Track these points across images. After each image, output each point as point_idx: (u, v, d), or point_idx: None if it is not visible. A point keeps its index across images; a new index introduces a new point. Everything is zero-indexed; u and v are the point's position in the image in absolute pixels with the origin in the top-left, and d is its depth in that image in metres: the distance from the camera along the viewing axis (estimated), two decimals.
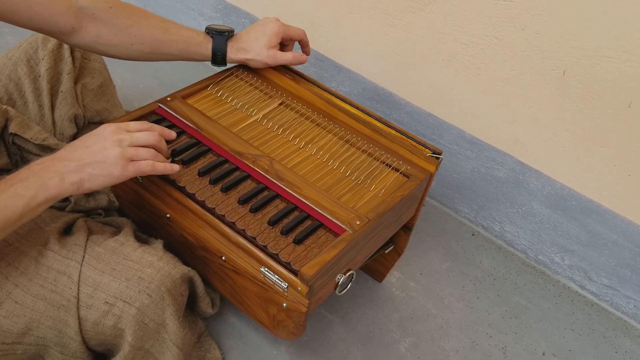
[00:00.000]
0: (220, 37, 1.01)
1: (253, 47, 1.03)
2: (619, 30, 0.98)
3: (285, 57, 1.05)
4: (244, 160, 0.89)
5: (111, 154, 0.77)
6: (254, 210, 0.82)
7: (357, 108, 1.02)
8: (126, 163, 0.78)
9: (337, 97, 1.04)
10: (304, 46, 1.10)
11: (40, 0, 0.85)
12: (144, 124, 0.84)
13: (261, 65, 1.05)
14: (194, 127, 0.93)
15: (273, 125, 0.97)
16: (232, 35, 1.02)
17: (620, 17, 0.97)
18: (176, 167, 0.84)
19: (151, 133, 0.82)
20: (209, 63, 1.03)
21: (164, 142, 0.85)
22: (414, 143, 0.97)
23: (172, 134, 0.88)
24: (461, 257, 1.30)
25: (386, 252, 1.09)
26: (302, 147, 0.94)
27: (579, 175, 1.16)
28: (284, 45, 1.08)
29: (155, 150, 0.82)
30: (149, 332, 0.85)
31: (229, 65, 1.06)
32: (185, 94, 1.00)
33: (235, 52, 1.03)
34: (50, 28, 0.88)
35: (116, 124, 0.81)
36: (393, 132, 0.99)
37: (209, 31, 1.01)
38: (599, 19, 0.99)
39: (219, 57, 1.02)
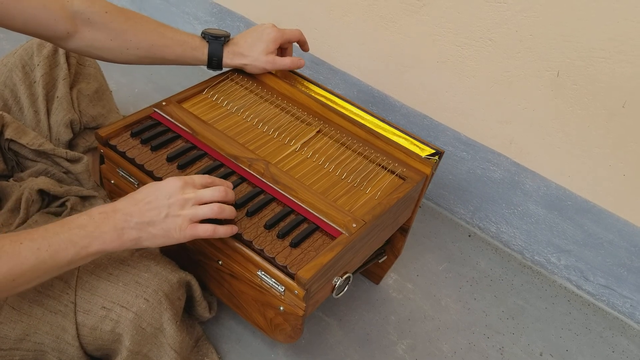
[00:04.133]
0: (217, 42, 1.01)
1: (251, 52, 1.03)
2: (613, 31, 0.98)
3: (284, 62, 1.05)
4: (239, 164, 0.89)
5: (172, 215, 0.75)
6: (250, 214, 0.83)
7: (359, 108, 1.03)
8: (186, 226, 0.75)
9: (336, 95, 1.04)
10: (302, 44, 1.10)
11: (35, 5, 0.85)
12: (208, 178, 0.81)
13: (259, 70, 1.05)
14: (190, 131, 0.93)
15: (269, 129, 0.97)
16: (228, 40, 1.03)
17: (614, 18, 0.97)
18: (235, 228, 0.79)
19: (216, 188, 0.78)
20: (204, 67, 1.03)
21: (231, 194, 0.81)
22: (417, 142, 0.97)
23: (232, 195, 0.82)
24: (458, 259, 1.31)
25: (380, 261, 1.09)
26: (298, 150, 0.95)
27: (574, 176, 1.16)
28: (282, 49, 1.08)
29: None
30: (146, 337, 0.85)
31: (224, 69, 1.06)
32: (181, 98, 1.00)
33: (231, 58, 1.03)
34: (46, 33, 0.88)
35: (182, 178, 0.77)
36: (392, 131, 0.99)
37: (205, 36, 1.01)
38: (593, 20, 0.99)
39: (214, 62, 1.02)
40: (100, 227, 0.73)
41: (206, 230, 0.76)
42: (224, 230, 0.78)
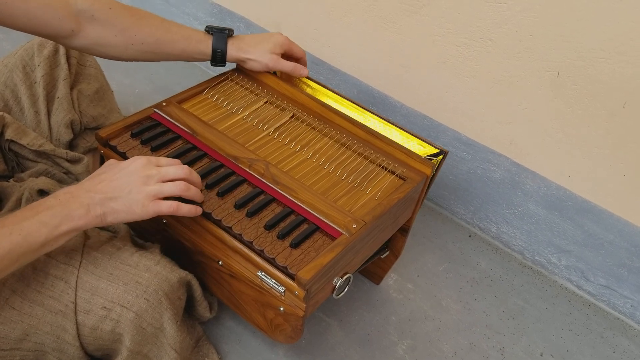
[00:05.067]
0: (221, 34, 1.01)
1: (256, 48, 1.03)
2: (613, 31, 0.98)
3: (287, 64, 1.05)
4: (239, 165, 0.89)
5: (135, 191, 0.76)
6: (250, 214, 0.83)
7: (362, 107, 1.03)
8: (148, 202, 0.76)
9: (337, 94, 1.05)
10: (302, 64, 1.11)
11: (39, 5, 0.85)
12: (174, 160, 0.82)
13: (261, 67, 1.05)
14: (190, 131, 0.93)
15: (269, 129, 0.97)
16: (232, 34, 1.03)
17: (614, 19, 0.97)
18: (200, 209, 0.81)
19: (180, 167, 0.80)
20: (205, 67, 1.03)
21: (196, 175, 0.83)
22: (422, 142, 0.97)
23: (197, 176, 0.84)
24: (458, 259, 1.31)
25: (382, 257, 1.09)
26: (298, 151, 0.95)
27: (575, 176, 1.16)
28: (285, 57, 1.08)
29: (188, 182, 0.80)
30: (147, 337, 0.85)
31: (224, 69, 1.06)
32: (181, 99, 1.00)
33: (236, 50, 1.02)
34: (50, 32, 0.88)
35: (147, 157, 0.79)
36: (397, 131, 0.99)
37: (209, 29, 1.01)
38: (593, 20, 0.99)
39: (218, 55, 1.01)
40: (67, 205, 0.74)
41: (170, 207, 0.77)
42: (187, 209, 0.79)
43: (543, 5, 1.03)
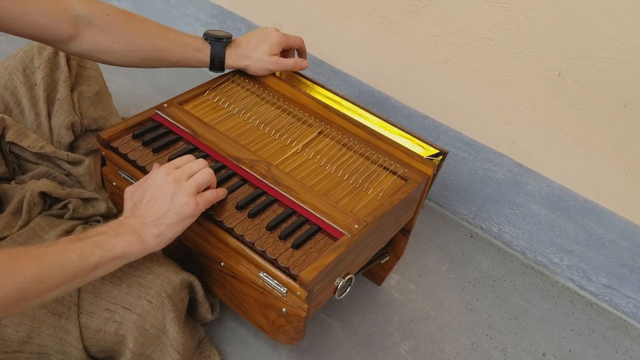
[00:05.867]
0: (219, 43, 1.01)
1: (255, 53, 1.03)
2: (614, 31, 0.98)
3: (287, 62, 1.05)
4: (241, 166, 0.89)
5: (176, 197, 0.75)
6: (252, 215, 0.82)
7: (362, 108, 1.03)
8: (194, 199, 0.76)
9: (337, 95, 1.05)
10: (302, 54, 1.11)
11: (36, 10, 0.84)
12: (187, 156, 0.83)
13: (262, 71, 1.05)
14: (191, 133, 0.93)
15: (270, 130, 0.97)
16: (230, 41, 1.03)
17: (615, 18, 0.97)
18: (225, 190, 0.84)
19: (198, 161, 0.81)
20: (206, 69, 1.03)
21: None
22: (421, 142, 0.97)
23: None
24: (460, 259, 1.31)
25: (382, 262, 1.09)
26: (300, 152, 0.95)
27: (576, 176, 1.16)
28: (284, 52, 1.09)
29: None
30: (149, 338, 0.85)
31: (226, 71, 1.06)
32: (182, 100, 1.00)
33: (234, 59, 1.03)
34: (47, 37, 0.88)
35: (163, 165, 0.79)
36: (396, 131, 0.99)
37: (207, 37, 1.01)
38: (594, 20, 0.99)
39: (217, 64, 1.02)
40: (119, 232, 0.73)
41: (213, 194, 0.80)
42: (223, 191, 0.83)
43: (544, 5, 1.03)
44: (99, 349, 0.85)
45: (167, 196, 0.75)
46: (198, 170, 0.79)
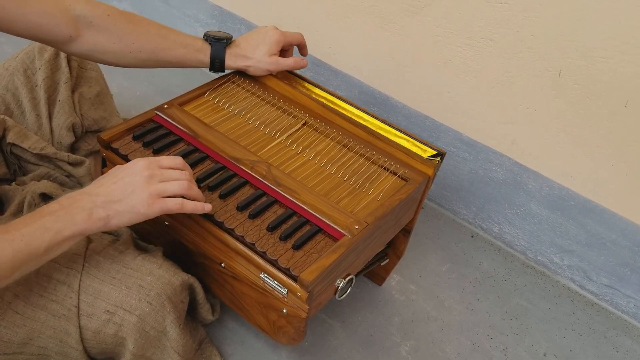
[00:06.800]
0: (219, 44, 1.01)
1: (254, 54, 1.03)
2: (614, 30, 0.98)
3: (287, 62, 1.05)
4: (242, 167, 0.89)
5: (138, 191, 0.75)
6: (253, 216, 0.83)
7: (360, 109, 1.03)
8: (153, 200, 0.75)
9: (336, 97, 1.05)
10: (302, 48, 1.11)
11: (37, 10, 0.85)
12: (177, 159, 0.81)
13: (262, 72, 1.05)
14: (191, 134, 0.93)
15: (270, 131, 0.97)
16: (230, 42, 1.03)
17: (615, 18, 0.97)
18: (208, 206, 0.80)
19: (182, 172, 0.79)
20: (206, 69, 1.03)
21: (196, 188, 0.82)
22: (419, 143, 0.97)
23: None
24: (460, 259, 1.31)
25: (382, 264, 1.09)
26: (300, 152, 0.95)
27: (577, 176, 1.16)
28: (284, 51, 1.09)
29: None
30: (150, 340, 0.85)
31: (226, 71, 1.06)
32: (182, 101, 1.00)
33: (234, 60, 1.03)
34: (48, 37, 0.88)
35: (148, 159, 0.78)
36: (393, 132, 0.99)
37: (207, 38, 1.01)
38: (594, 19, 0.99)
39: (217, 64, 1.02)
40: (69, 210, 0.73)
41: (175, 203, 0.76)
42: (192, 205, 0.78)
43: (544, 5, 1.03)
44: (99, 351, 0.85)
45: (131, 185, 0.75)
46: (177, 179, 0.78)
